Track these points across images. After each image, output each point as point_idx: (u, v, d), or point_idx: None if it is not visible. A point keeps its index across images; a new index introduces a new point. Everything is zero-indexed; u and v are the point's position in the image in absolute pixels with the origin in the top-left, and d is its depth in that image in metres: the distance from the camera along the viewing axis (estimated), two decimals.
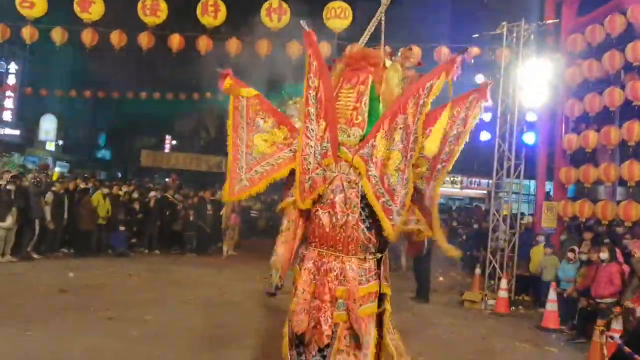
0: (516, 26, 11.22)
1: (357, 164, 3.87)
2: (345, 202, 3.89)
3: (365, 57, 4.16)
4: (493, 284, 11.05)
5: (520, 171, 11.35)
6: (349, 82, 4.10)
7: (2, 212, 11.45)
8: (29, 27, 12.71)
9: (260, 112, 4.22)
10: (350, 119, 4.00)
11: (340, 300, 3.86)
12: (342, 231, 3.90)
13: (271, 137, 4.16)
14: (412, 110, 3.81)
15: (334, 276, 3.90)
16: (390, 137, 3.82)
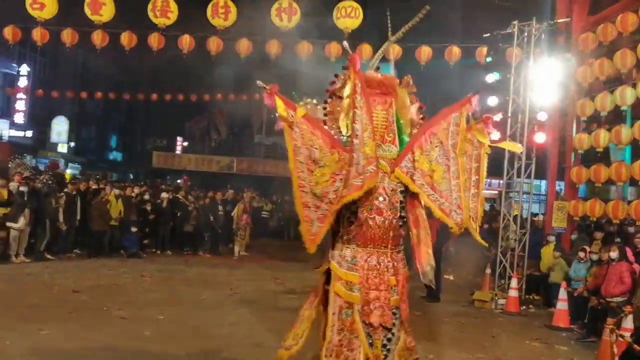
0: (527, 25, 11.18)
1: (399, 175, 4.62)
2: (390, 207, 4.65)
3: (392, 84, 4.85)
4: (503, 284, 11.04)
5: (531, 171, 11.32)
6: (379, 104, 4.74)
7: (15, 213, 11.58)
8: (39, 29, 12.82)
9: (312, 140, 4.64)
10: (383, 136, 4.71)
11: (394, 287, 4.64)
12: (388, 231, 4.66)
13: (326, 170, 4.58)
14: (443, 133, 4.73)
15: (386, 269, 4.65)
16: (429, 154, 4.67)
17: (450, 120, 4.77)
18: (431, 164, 4.66)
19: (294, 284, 11.44)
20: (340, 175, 4.52)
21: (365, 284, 4.61)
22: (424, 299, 10.54)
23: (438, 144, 4.71)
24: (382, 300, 4.58)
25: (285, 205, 21.87)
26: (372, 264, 4.64)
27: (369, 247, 4.66)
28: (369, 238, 4.65)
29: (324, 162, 4.58)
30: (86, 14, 12.54)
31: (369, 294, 4.59)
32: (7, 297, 8.43)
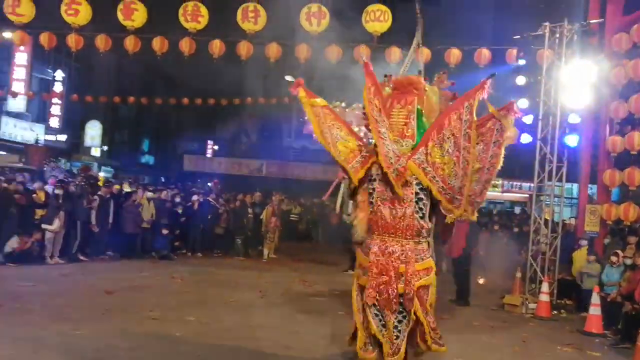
0: (559, 26, 11.02)
1: (411, 167, 4.93)
2: (403, 198, 4.97)
3: (411, 83, 5.22)
4: (534, 288, 10.88)
5: (563, 174, 11.14)
6: (399, 103, 5.13)
7: (50, 215, 11.89)
8: (74, 35, 13.09)
9: (335, 122, 5.19)
10: (402, 132, 5.08)
11: (403, 275, 4.94)
12: (401, 221, 5.00)
13: (348, 144, 5.14)
14: (456, 124, 4.89)
15: (396, 257, 4.97)
16: (441, 146, 4.91)
17: (463, 110, 4.91)
18: (443, 157, 4.91)
19: (323, 286, 11.47)
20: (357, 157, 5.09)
21: (375, 269, 4.99)
22: (453, 303, 10.46)
23: (450, 135, 4.91)
24: (389, 286, 4.90)
25: (314, 208, 21.93)
26: (383, 250, 5.02)
27: (383, 235, 5.05)
28: (383, 226, 5.05)
29: (346, 139, 5.14)
30: (119, 20, 12.79)
31: (377, 279, 4.96)
32: (42, 298, 8.64)
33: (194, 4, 12.62)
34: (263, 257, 15.49)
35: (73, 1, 12.69)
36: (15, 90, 24.59)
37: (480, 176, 4.93)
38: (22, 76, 25.96)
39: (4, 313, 7.58)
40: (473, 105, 4.88)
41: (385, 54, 12.39)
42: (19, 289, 9.17)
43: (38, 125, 27.99)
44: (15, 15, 12.73)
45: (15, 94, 24.14)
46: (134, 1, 12.68)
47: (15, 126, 26.34)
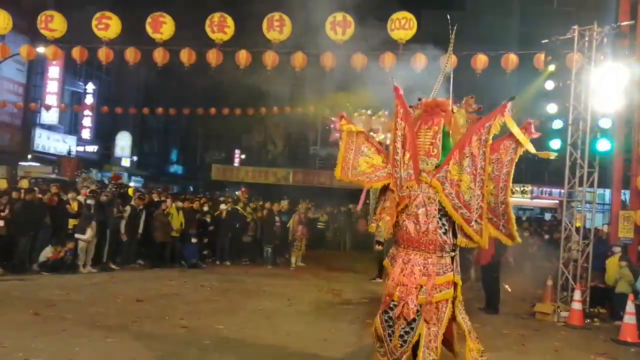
0: (588, 29, 10.84)
1: (435, 185, 5.24)
2: (426, 214, 5.24)
3: (438, 105, 5.50)
4: (566, 296, 10.66)
5: (594, 179, 10.92)
6: (426, 124, 5.45)
7: (83, 225, 12.13)
8: (104, 49, 13.38)
9: (365, 142, 5.67)
10: (428, 151, 5.37)
11: (423, 287, 5.15)
12: (424, 236, 5.24)
13: (371, 160, 5.57)
14: (476, 144, 5.13)
15: (418, 269, 5.21)
16: (460, 164, 5.16)
17: (483, 130, 5.14)
18: (460, 174, 5.17)
19: (350, 295, 11.44)
20: (381, 170, 5.48)
21: (395, 279, 5.26)
22: (482, 311, 10.32)
23: (469, 154, 5.16)
24: (408, 296, 5.14)
25: (341, 216, 21.90)
26: (406, 263, 5.30)
27: (408, 248, 5.34)
28: (408, 240, 5.33)
29: (369, 155, 5.57)
30: (148, 33, 13.04)
31: (395, 289, 5.23)
32: (75, 306, 8.81)
33: (220, 15, 12.81)
34: (290, 265, 15.53)
35: (103, 16, 13.01)
36: (49, 103, 25.26)
37: (497, 198, 5.13)
38: (54, 89, 26.68)
39: (39, 321, 7.75)
40: (492, 126, 5.11)
41: (410, 61, 12.37)
42: (53, 297, 9.36)
43: (70, 137, 28.68)
44: (48, 30, 13.08)
45: (49, 107, 24.78)
46: (162, 14, 12.94)
47: (48, 138, 27.04)
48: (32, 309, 8.27)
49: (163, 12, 12.99)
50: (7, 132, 25.02)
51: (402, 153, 5.36)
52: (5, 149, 24.48)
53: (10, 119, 25.14)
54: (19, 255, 11.58)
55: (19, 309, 8.33)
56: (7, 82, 24.66)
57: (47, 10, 13.63)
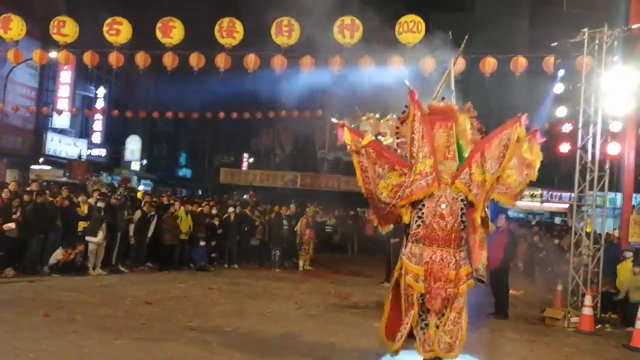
0: (598, 32, 10.77)
1: (459, 186, 5.74)
2: (451, 213, 5.73)
3: (451, 110, 5.99)
4: (576, 301, 10.55)
5: (605, 183, 10.82)
6: (441, 127, 5.87)
7: (94, 228, 12.21)
8: (115, 53, 13.48)
9: (377, 160, 5.90)
10: (444, 154, 5.84)
11: (452, 280, 5.68)
12: (450, 233, 5.73)
13: (389, 182, 5.86)
14: (496, 148, 5.72)
15: (447, 264, 5.68)
16: (482, 167, 5.73)
17: (502, 137, 5.73)
18: (484, 175, 5.73)
19: (358, 298, 11.42)
20: (402, 187, 5.78)
21: (429, 277, 5.69)
22: (491, 315, 10.27)
23: (491, 157, 5.73)
24: (442, 291, 5.66)
25: (348, 220, 21.88)
26: (436, 259, 5.71)
27: (434, 245, 5.74)
28: (433, 238, 5.75)
29: (387, 177, 5.85)
30: (157, 37, 13.11)
31: (431, 285, 5.69)
32: (85, 308, 8.86)
33: (229, 20, 12.86)
34: (298, 268, 15.53)
35: (114, 21, 13.10)
36: (60, 107, 25.48)
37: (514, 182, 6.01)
38: (66, 94, 26.90)
39: (50, 322, 7.80)
40: (511, 134, 5.68)
41: (419, 64, 12.37)
42: (63, 299, 9.42)
43: (81, 141, 28.88)
44: (61, 35, 13.19)
45: (60, 111, 25.00)
46: (171, 19, 13.01)
47: (60, 142, 27.25)
48: (43, 311, 8.33)
49: (173, 17, 13.06)
50: (20, 136, 25.26)
51: (425, 157, 5.75)
52: (17, 153, 24.71)
53: (23, 123, 25.38)
54: (30, 257, 11.68)
55: (29, 311, 8.38)
56: (20, 86, 24.91)
57: (59, 16, 13.74)
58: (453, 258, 5.70)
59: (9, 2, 16.81)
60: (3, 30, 13.17)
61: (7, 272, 11.12)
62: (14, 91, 24.17)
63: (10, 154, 23.88)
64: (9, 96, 22.96)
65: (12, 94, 23.79)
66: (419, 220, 5.80)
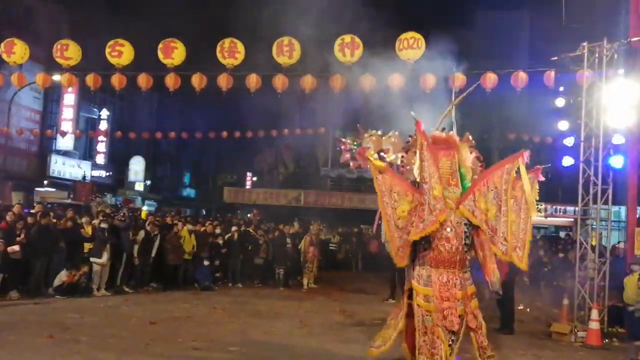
0: (598, 46, 10.82)
1: (463, 212, 6.07)
2: (455, 236, 6.07)
3: (453, 140, 6.42)
4: (583, 315, 10.47)
5: (608, 196, 10.80)
6: (444, 156, 6.23)
7: (98, 249, 12.23)
8: (117, 75, 13.58)
9: (392, 186, 6.26)
10: (448, 180, 6.18)
11: (459, 300, 6.02)
12: (455, 255, 6.07)
13: (403, 207, 6.19)
14: (499, 180, 6.16)
15: (453, 285, 6.04)
16: (486, 196, 6.13)
17: (505, 170, 6.17)
18: (487, 204, 6.13)
19: (363, 316, 11.35)
20: (415, 212, 6.08)
21: (439, 297, 6.01)
22: (497, 331, 10.18)
23: (493, 188, 6.15)
24: (452, 309, 5.95)
25: (352, 237, 21.82)
26: (443, 281, 6.05)
27: (440, 267, 6.07)
28: (440, 261, 6.08)
29: (400, 202, 6.18)
30: (159, 58, 13.22)
31: (442, 304, 5.98)
32: (90, 329, 8.84)
33: (231, 40, 12.97)
34: (302, 286, 15.47)
35: (116, 43, 13.23)
36: (64, 129, 25.67)
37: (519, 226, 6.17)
38: (70, 116, 27.12)
39: (54, 344, 7.78)
40: (512, 168, 6.16)
41: (420, 81, 12.44)
42: (67, 320, 9.40)
43: (85, 162, 29.02)
44: (64, 58, 13.33)
45: (64, 133, 25.17)
46: (173, 40, 13.13)
47: (64, 164, 27.39)
48: (47, 332, 8.31)
49: (174, 39, 13.18)
50: (24, 159, 25.43)
51: (430, 181, 6.07)
52: (22, 175, 24.85)
53: (27, 146, 25.57)
54: (34, 279, 11.67)
55: (34, 333, 8.37)
56: (25, 109, 25.15)
57: (62, 39, 13.90)
58: (458, 279, 6.06)
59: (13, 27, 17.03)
60: (7, 54, 13.32)
61: (11, 295, 11.11)
62: (18, 114, 24.38)
63: (15, 176, 24.00)
64: (13, 119, 23.15)
65: (16, 117, 24.00)
66: (426, 244, 6.12)
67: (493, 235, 6.10)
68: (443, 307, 5.97)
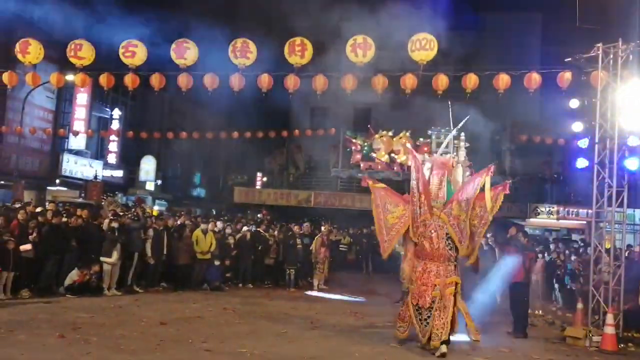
0: (613, 47, 10.69)
1: (443, 218, 8.33)
2: (438, 236, 8.31)
3: (445, 163, 8.84)
4: (597, 319, 10.32)
5: (623, 199, 10.64)
6: (436, 175, 8.66)
7: (108, 248, 12.26)
8: (130, 75, 13.60)
9: (386, 199, 8.99)
10: (437, 194, 8.59)
11: (437, 285, 8.25)
12: (437, 251, 8.36)
13: (395, 214, 8.81)
14: (471, 192, 8.14)
15: (433, 274, 8.33)
16: (460, 205, 8.18)
17: (476, 182, 8.09)
18: (460, 212, 8.10)
19: (375, 318, 11.29)
20: (404, 218, 8.73)
21: (419, 282, 8.41)
22: (510, 335, 10.08)
23: (465, 199, 8.11)
24: (427, 291, 8.29)
25: (363, 238, 21.73)
26: (424, 270, 8.40)
27: (425, 260, 8.44)
28: (423, 254, 8.47)
29: (393, 211, 8.87)
30: (172, 58, 13.22)
31: (420, 287, 8.39)
32: (100, 329, 8.85)
33: (243, 41, 12.92)
34: (313, 287, 15.41)
35: (130, 44, 13.23)
36: (76, 129, 25.79)
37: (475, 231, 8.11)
38: (82, 116, 27.23)
39: (65, 344, 7.80)
40: (482, 181, 7.96)
41: (432, 82, 12.34)
42: (79, 320, 9.43)
43: (97, 162, 29.11)
44: (77, 58, 13.35)
45: (77, 133, 25.28)
46: (186, 40, 13.11)
47: (76, 163, 27.50)
48: (58, 332, 8.34)
49: (186, 39, 13.19)
50: (37, 158, 25.55)
51: (418, 195, 8.51)
52: (35, 174, 24.97)
53: (40, 145, 25.70)
54: (46, 278, 11.72)
55: (45, 332, 8.39)
56: (38, 109, 25.28)
57: (76, 39, 13.95)
58: (437, 269, 8.25)
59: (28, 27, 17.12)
60: (22, 54, 13.36)
61: (22, 293, 11.17)
62: (31, 114, 24.50)
63: (28, 175, 24.12)
64: (26, 119, 23.26)
65: (29, 116, 24.11)
66: (417, 242, 8.56)
67: (460, 236, 8.12)
68: (420, 290, 8.31)
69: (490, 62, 12.96)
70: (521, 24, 29.75)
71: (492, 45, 25.27)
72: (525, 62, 15.20)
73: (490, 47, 24.05)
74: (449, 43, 11.30)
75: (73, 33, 17.05)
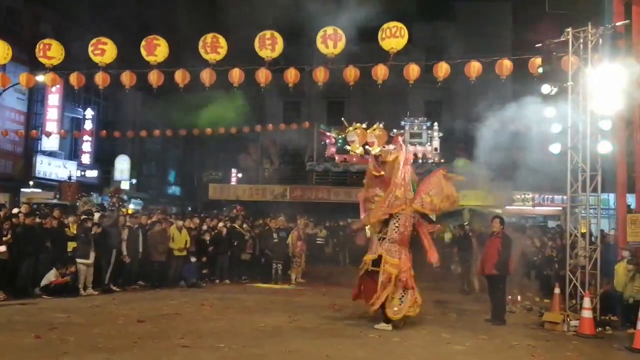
0: (582, 31, 10.75)
1: (416, 207, 9.50)
2: (410, 225, 9.46)
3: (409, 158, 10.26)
4: (575, 304, 10.40)
5: (597, 183, 10.69)
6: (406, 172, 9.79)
7: (85, 249, 12.09)
8: (101, 73, 13.36)
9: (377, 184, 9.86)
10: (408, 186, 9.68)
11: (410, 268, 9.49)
12: (409, 238, 9.53)
13: (381, 197, 9.67)
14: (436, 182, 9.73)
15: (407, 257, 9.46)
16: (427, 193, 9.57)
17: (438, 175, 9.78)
18: (431, 197, 9.50)
19: (352, 309, 11.22)
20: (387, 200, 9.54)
21: (402, 267, 9.27)
22: (488, 322, 10.13)
23: (433, 187, 9.57)
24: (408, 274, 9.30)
25: (339, 231, 21.71)
26: (405, 255, 9.39)
27: (400, 245, 9.38)
28: (403, 241, 9.40)
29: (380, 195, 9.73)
30: (142, 56, 13.01)
31: (402, 273, 9.25)
32: (77, 329, 8.70)
33: (213, 35, 12.77)
34: (291, 281, 15.35)
35: (99, 41, 13.01)
36: (49, 130, 25.35)
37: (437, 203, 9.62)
38: (54, 116, 26.76)
39: (42, 344, 7.65)
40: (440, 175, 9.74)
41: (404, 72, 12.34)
42: (55, 320, 9.26)
43: (70, 162, 28.68)
44: (47, 58, 13.07)
45: (49, 134, 24.86)
46: (155, 37, 12.92)
47: (49, 164, 27.06)
48: (34, 333, 8.18)
49: (156, 35, 12.97)
50: (10, 160, 25.15)
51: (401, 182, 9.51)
52: (8, 177, 24.58)
53: (13, 147, 25.30)
54: (21, 279, 11.52)
55: (21, 333, 8.23)
56: (9, 111, 24.86)
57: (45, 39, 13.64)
58: (409, 254, 9.43)
59: None
60: None
61: None
62: (2, 116, 24.11)
63: (1, 178, 23.73)
64: None
65: (0, 118, 23.71)
66: (396, 229, 9.38)
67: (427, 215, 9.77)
68: (402, 273, 9.22)
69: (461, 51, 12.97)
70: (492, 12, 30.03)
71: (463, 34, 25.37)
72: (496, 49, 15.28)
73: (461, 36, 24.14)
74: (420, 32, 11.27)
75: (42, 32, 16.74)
